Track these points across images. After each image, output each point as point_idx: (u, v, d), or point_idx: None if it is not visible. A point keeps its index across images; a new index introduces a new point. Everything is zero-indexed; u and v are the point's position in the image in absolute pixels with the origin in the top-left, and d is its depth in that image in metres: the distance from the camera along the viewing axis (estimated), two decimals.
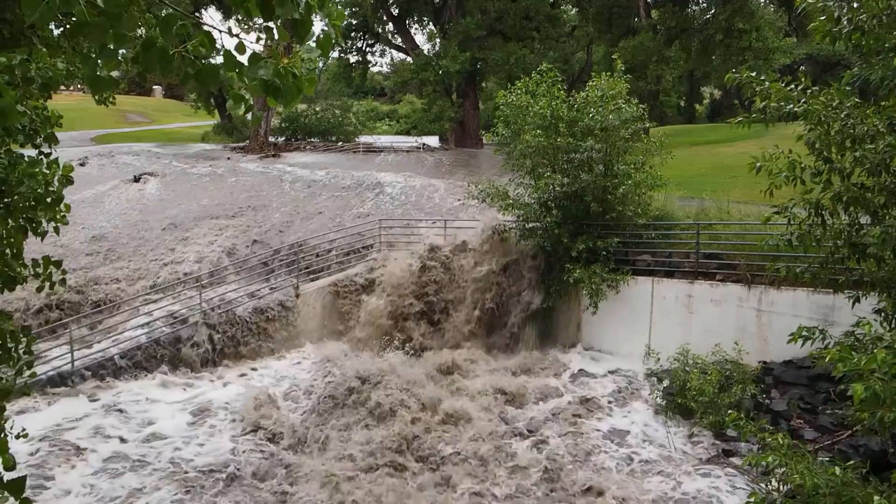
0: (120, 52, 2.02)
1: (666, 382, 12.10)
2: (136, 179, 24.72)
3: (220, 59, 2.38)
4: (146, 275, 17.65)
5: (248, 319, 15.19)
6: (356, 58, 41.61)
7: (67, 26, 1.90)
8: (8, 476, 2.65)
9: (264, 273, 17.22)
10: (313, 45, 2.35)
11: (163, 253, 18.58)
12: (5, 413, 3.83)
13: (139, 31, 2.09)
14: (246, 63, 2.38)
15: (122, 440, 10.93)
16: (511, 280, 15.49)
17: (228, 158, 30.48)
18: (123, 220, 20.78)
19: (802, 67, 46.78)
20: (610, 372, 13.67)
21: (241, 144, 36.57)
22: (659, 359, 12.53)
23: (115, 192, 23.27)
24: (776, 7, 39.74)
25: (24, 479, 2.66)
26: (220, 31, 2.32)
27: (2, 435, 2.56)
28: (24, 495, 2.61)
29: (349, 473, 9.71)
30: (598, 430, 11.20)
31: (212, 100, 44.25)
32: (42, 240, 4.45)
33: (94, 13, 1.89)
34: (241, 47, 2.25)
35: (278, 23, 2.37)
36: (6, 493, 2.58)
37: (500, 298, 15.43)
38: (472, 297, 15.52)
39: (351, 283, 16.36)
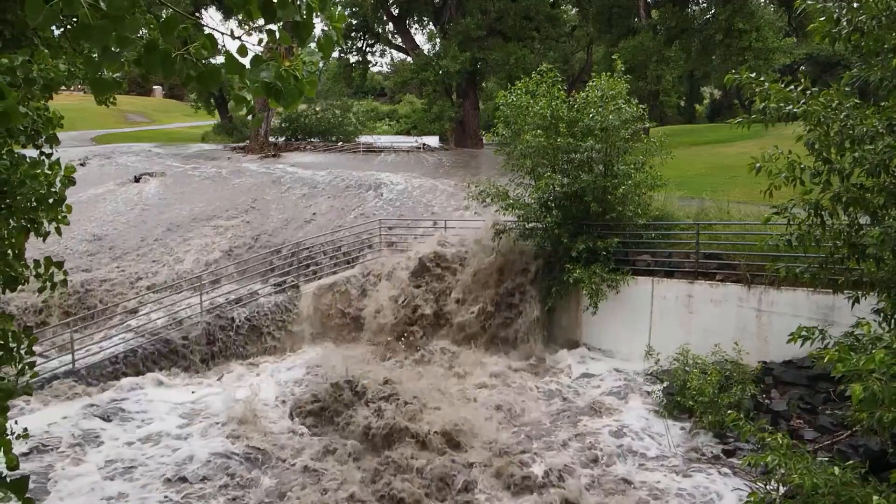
0: (122, 54, 2.03)
1: (666, 382, 12.13)
2: (137, 180, 24.75)
3: (220, 60, 2.39)
4: (146, 275, 17.68)
5: (247, 321, 15.20)
6: (356, 58, 41.56)
7: (70, 29, 1.91)
8: (11, 476, 2.67)
9: (264, 274, 17.22)
10: (314, 47, 2.36)
11: (163, 253, 18.60)
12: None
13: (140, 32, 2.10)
14: (247, 65, 2.40)
15: (119, 441, 10.93)
16: (507, 316, 14.87)
17: (228, 159, 30.49)
18: (123, 221, 20.81)
19: (802, 67, 46.80)
20: (610, 372, 13.68)
21: (241, 144, 36.57)
22: (659, 359, 12.55)
23: (116, 193, 23.30)
24: (776, 7, 39.73)
25: (27, 478, 2.67)
26: (223, 34, 2.33)
27: (5, 435, 2.58)
28: (27, 495, 2.63)
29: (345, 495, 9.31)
30: (600, 431, 11.21)
31: (212, 100, 44.27)
32: (44, 240, 4.47)
33: (98, 16, 1.90)
34: (242, 50, 2.27)
35: (279, 25, 2.38)
36: (9, 493, 2.60)
37: (492, 354, 14.76)
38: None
39: (339, 313, 15.97)
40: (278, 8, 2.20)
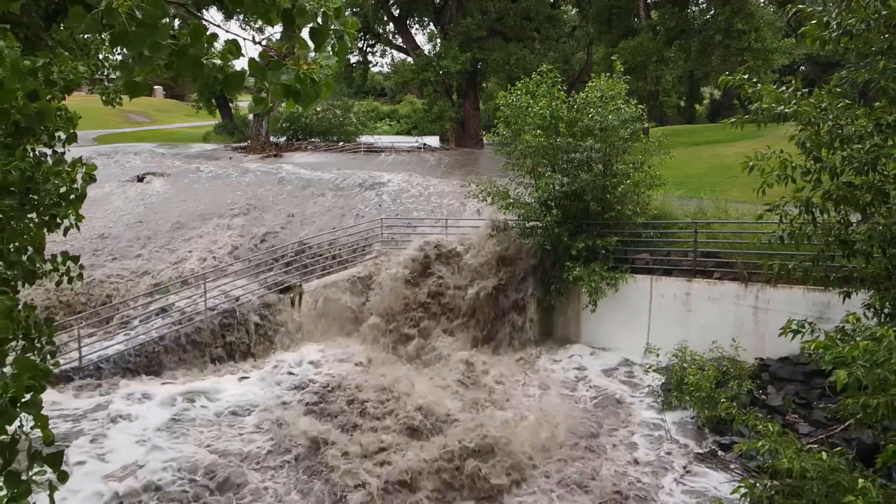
0: (154, 59, 2.20)
1: (664, 379, 12.31)
2: (140, 179, 24.94)
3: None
4: (150, 273, 17.85)
5: (249, 319, 15.34)
6: (357, 58, 41.75)
7: (110, 35, 2.09)
8: (47, 451, 2.84)
9: (267, 272, 17.38)
10: (330, 52, 2.54)
11: (167, 252, 18.78)
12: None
13: None
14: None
15: (123, 437, 11.03)
16: (507, 314, 15.07)
17: (230, 158, 30.68)
18: (127, 219, 21.00)
19: (802, 68, 46.96)
20: (609, 369, 13.86)
21: (242, 144, 36.77)
22: (658, 355, 12.72)
23: (119, 192, 23.48)
24: (776, 8, 39.89)
25: (62, 452, 2.84)
26: (245, 39, 2.51)
27: (41, 412, 2.75)
28: (62, 468, 2.80)
29: None
30: (598, 427, 11.38)
31: (213, 100, 44.48)
32: (65, 235, 4.64)
33: (133, 24, 2.08)
34: (264, 54, 2.44)
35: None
36: (45, 466, 2.77)
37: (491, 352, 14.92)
38: None
39: (340, 311, 16.23)
40: (297, 15, 2.38)
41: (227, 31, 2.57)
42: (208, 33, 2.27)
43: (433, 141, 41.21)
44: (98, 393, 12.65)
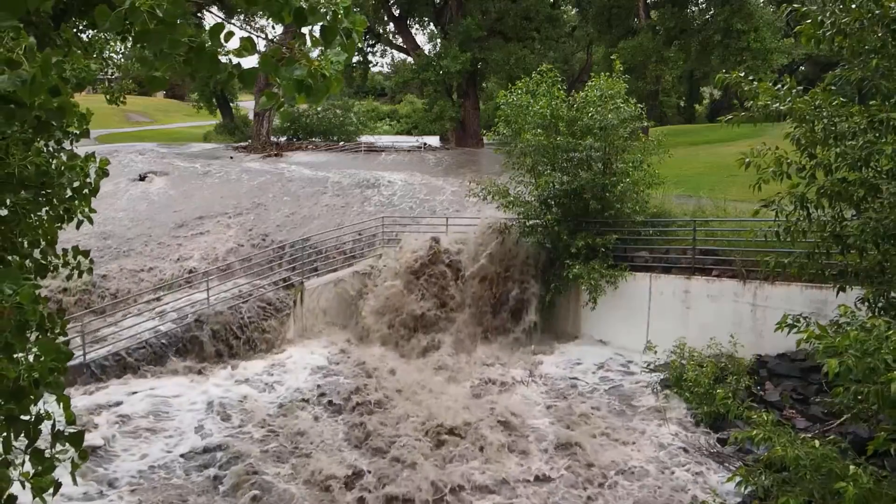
0: (174, 55, 2.31)
1: (663, 375, 12.42)
2: (142, 178, 25.04)
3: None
4: (153, 271, 17.94)
5: (251, 317, 15.42)
6: (357, 58, 41.82)
7: (133, 33, 2.20)
8: (69, 430, 2.96)
9: (268, 270, 17.47)
10: (338, 48, 2.65)
11: (169, 250, 18.88)
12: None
13: None
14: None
15: (125, 434, 11.09)
16: (507, 311, 15.29)
17: (231, 158, 30.76)
18: (130, 218, 21.10)
19: (802, 67, 47.08)
20: (608, 365, 13.95)
21: (243, 144, 36.87)
22: (657, 352, 12.83)
23: (121, 191, 23.58)
24: (775, 8, 40.00)
25: (83, 432, 2.95)
26: (258, 37, 2.62)
27: (64, 393, 2.87)
28: (83, 447, 2.92)
29: None
30: (598, 423, 11.48)
31: (213, 100, 44.62)
32: (78, 228, 4.75)
33: (154, 22, 2.20)
34: (276, 51, 2.55)
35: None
36: (68, 445, 2.89)
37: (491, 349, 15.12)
38: None
39: (341, 309, 16.40)
40: (308, 14, 2.49)
41: (240, 29, 2.69)
42: (225, 31, 2.39)
43: (433, 140, 41.35)
44: (97, 390, 12.73)
